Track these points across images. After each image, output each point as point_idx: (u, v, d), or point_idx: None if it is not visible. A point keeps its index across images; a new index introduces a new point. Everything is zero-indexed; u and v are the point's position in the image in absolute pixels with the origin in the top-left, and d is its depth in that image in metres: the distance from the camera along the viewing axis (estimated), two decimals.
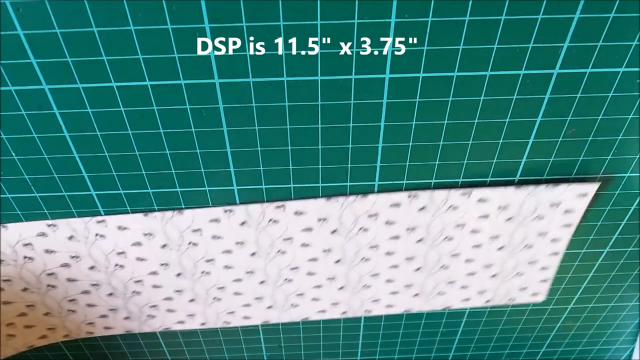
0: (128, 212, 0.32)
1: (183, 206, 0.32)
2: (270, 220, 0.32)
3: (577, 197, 0.32)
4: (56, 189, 0.30)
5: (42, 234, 0.32)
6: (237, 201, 0.32)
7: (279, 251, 0.34)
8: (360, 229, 0.33)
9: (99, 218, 0.32)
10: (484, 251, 0.36)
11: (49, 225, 0.32)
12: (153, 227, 0.32)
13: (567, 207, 0.33)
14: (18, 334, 0.39)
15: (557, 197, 0.32)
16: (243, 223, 0.32)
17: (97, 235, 0.32)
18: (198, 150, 0.29)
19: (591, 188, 0.32)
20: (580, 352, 0.48)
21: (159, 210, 0.32)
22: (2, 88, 0.26)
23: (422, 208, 0.32)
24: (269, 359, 0.46)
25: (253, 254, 0.34)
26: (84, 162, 0.29)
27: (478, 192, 0.32)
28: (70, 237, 0.32)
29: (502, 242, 0.35)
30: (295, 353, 0.46)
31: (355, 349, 0.46)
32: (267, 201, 0.32)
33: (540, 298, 0.41)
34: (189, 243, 0.33)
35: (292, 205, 0.32)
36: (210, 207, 0.32)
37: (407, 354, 0.46)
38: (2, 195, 0.31)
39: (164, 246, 0.33)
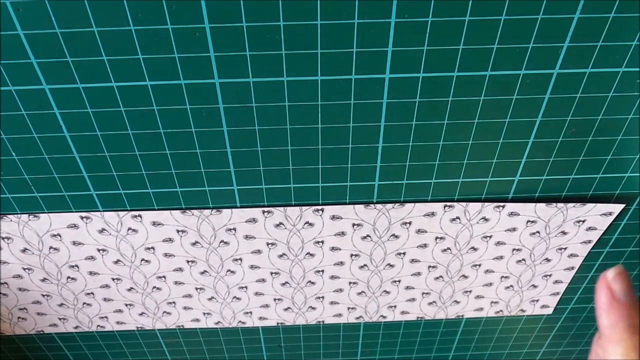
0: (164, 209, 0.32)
1: (183, 206, 0.32)
2: (306, 222, 0.33)
3: (601, 215, 0.33)
4: (56, 189, 0.30)
5: (74, 226, 0.32)
6: (237, 201, 0.32)
7: (308, 254, 0.35)
8: (392, 235, 0.34)
9: (135, 213, 0.32)
10: (503, 263, 0.37)
11: (82, 218, 0.32)
12: (188, 224, 0.32)
13: (591, 224, 0.34)
14: (29, 319, 0.39)
15: (583, 214, 0.33)
16: (279, 224, 0.33)
17: (129, 229, 0.33)
18: (198, 150, 0.29)
19: (616, 208, 0.32)
20: (580, 352, 0.48)
21: (196, 208, 0.32)
22: (2, 88, 0.26)
23: (455, 219, 0.33)
24: (268, 359, 0.46)
25: (282, 255, 0.35)
26: (84, 162, 0.29)
27: (510, 206, 0.32)
28: (102, 230, 0.33)
29: (523, 255, 0.36)
30: (295, 353, 0.46)
31: (355, 349, 0.46)
32: (306, 204, 0.32)
33: (549, 311, 0.41)
34: (221, 241, 0.34)
35: (330, 209, 0.32)
36: (248, 207, 0.32)
37: (407, 354, 0.46)
38: (2, 195, 0.31)
39: (194, 243, 0.34)
